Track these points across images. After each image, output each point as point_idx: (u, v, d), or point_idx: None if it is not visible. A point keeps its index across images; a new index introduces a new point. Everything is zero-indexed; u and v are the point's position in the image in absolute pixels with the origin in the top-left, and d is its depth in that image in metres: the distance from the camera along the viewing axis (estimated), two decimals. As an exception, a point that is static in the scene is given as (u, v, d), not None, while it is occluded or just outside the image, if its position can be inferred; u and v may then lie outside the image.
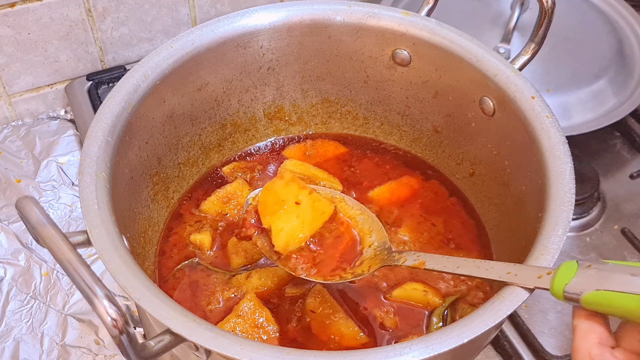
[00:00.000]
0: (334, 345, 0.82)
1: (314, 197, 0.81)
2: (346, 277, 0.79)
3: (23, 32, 1.20)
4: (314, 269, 0.80)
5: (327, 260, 0.80)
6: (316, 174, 0.98)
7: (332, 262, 0.80)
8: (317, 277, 0.79)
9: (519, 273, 0.64)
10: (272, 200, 0.81)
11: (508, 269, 0.65)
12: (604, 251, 1.06)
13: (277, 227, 0.79)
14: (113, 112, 0.81)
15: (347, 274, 0.79)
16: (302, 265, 0.79)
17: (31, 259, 1.05)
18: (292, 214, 0.80)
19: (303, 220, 0.80)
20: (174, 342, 0.62)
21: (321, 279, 0.79)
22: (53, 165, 1.20)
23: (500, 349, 0.96)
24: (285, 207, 0.80)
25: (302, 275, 0.79)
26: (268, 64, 0.99)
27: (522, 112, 0.82)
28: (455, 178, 1.00)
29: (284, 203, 0.80)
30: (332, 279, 0.79)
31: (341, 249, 0.81)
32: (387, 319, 0.84)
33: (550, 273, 0.62)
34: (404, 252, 0.78)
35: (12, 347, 0.96)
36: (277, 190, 0.81)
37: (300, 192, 0.81)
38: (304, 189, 0.82)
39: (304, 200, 0.81)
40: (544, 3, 0.85)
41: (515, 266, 0.65)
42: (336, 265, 0.80)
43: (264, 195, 0.82)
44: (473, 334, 0.61)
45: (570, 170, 0.75)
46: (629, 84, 1.20)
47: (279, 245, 0.79)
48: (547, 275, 0.62)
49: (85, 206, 0.70)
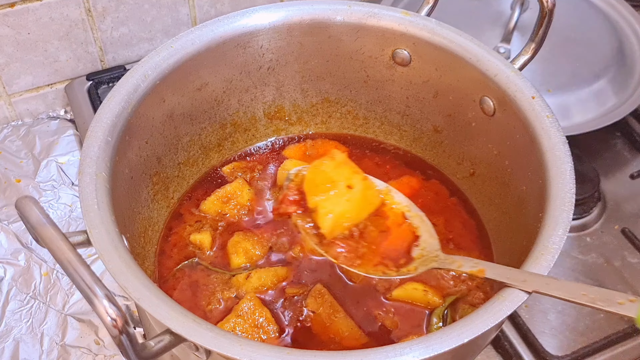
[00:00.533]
0: (334, 345, 0.81)
1: (367, 184, 0.77)
2: (390, 274, 0.76)
3: (23, 32, 1.20)
4: (358, 260, 0.76)
5: (369, 254, 0.77)
6: (316, 174, 0.98)
7: (375, 257, 0.77)
8: (360, 269, 0.76)
9: (597, 296, 0.61)
10: (322, 180, 0.76)
11: (583, 290, 0.62)
12: (604, 251, 1.06)
13: (325, 209, 0.75)
14: (113, 112, 0.81)
15: (391, 270, 0.77)
16: (346, 254, 0.76)
17: (31, 259, 1.05)
18: (342, 197, 0.76)
19: (353, 205, 0.76)
20: (174, 342, 0.62)
21: (363, 271, 0.76)
22: (53, 165, 1.20)
23: (500, 349, 0.96)
24: (336, 189, 0.76)
25: (344, 265, 0.76)
26: (268, 64, 0.99)
27: (523, 112, 0.82)
28: (456, 178, 1.00)
29: (334, 185, 0.76)
30: (374, 273, 0.76)
31: (386, 244, 0.78)
32: (387, 319, 0.83)
33: (635, 301, 0.60)
34: (457, 257, 0.76)
35: (12, 347, 0.95)
36: (327, 171, 0.77)
37: (354, 177, 0.77)
38: (358, 174, 0.78)
39: (356, 185, 0.77)
40: (544, 3, 0.85)
41: (592, 288, 0.62)
42: (379, 260, 0.77)
43: (311, 173, 0.78)
44: (473, 334, 0.61)
45: (570, 170, 0.75)
46: (629, 83, 1.20)
47: (325, 228, 0.75)
48: (631, 303, 0.60)
49: (85, 206, 0.70)
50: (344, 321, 0.82)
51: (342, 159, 0.78)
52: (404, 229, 0.80)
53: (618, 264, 1.04)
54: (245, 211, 0.96)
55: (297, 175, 0.80)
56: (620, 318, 0.97)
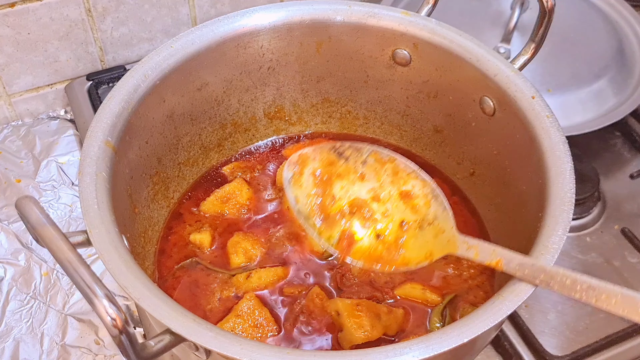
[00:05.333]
0: (333, 345, 0.81)
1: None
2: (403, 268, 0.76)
3: (23, 32, 1.20)
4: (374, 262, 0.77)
5: (386, 254, 0.78)
6: (316, 174, 0.98)
7: (391, 253, 0.77)
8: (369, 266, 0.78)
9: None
10: None
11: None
12: (604, 251, 1.06)
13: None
14: (113, 112, 0.81)
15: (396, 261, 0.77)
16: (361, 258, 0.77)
17: (31, 259, 1.05)
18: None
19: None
20: (174, 342, 0.62)
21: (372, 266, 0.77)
22: (53, 165, 1.20)
23: (500, 349, 0.96)
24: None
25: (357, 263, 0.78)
26: (268, 64, 0.99)
27: (522, 112, 0.82)
28: (456, 178, 1.00)
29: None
30: (388, 269, 0.77)
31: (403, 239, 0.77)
32: (387, 318, 0.83)
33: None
34: (474, 240, 0.73)
35: (12, 347, 0.95)
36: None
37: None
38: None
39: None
40: (544, 3, 0.85)
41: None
42: (393, 257, 0.77)
43: None
44: (473, 334, 0.61)
45: (570, 170, 0.75)
46: (629, 83, 1.20)
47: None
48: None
49: (85, 206, 0.70)
50: (344, 320, 0.82)
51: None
52: (412, 203, 0.78)
53: (618, 264, 1.04)
54: (245, 211, 0.96)
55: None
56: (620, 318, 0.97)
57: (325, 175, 0.81)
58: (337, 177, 0.82)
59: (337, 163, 0.81)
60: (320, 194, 0.80)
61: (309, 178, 0.81)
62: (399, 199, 0.79)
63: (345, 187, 0.81)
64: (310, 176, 0.81)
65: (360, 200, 0.80)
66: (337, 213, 0.80)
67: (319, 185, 0.81)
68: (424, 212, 0.78)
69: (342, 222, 0.79)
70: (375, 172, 0.81)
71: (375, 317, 0.80)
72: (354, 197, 0.80)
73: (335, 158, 0.82)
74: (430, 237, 0.77)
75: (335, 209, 0.80)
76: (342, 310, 0.80)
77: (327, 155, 0.82)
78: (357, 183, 0.81)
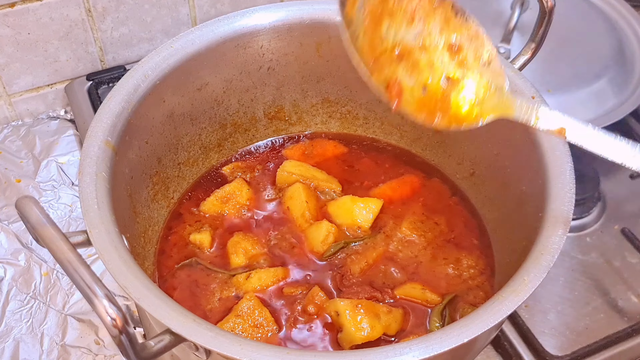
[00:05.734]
0: (333, 345, 0.81)
1: None
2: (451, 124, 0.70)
3: (23, 32, 1.20)
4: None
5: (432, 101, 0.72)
6: (315, 175, 0.98)
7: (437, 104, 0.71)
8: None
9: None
10: None
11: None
12: (604, 251, 1.06)
13: None
14: (113, 112, 0.81)
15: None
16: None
17: (31, 259, 1.05)
18: None
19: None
20: (174, 342, 0.62)
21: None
22: (53, 165, 1.20)
23: (500, 349, 0.96)
24: None
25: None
26: (268, 64, 0.99)
27: (523, 112, 0.82)
28: (456, 178, 1.00)
29: None
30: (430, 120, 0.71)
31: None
32: (387, 318, 0.83)
33: None
34: (532, 102, 0.65)
35: (12, 347, 0.95)
36: None
37: None
38: None
39: None
40: (544, 3, 0.85)
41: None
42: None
43: None
44: (473, 334, 0.61)
45: (570, 170, 0.75)
46: (629, 83, 1.20)
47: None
48: None
49: (85, 206, 0.70)
50: (343, 320, 0.82)
51: None
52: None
53: (618, 264, 1.04)
54: (245, 211, 0.96)
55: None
56: (620, 318, 0.97)
57: (379, 10, 0.74)
58: (388, 15, 0.74)
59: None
60: (369, 31, 0.74)
61: (360, 9, 0.74)
62: (448, 50, 0.73)
63: (394, 28, 0.73)
64: (362, 7, 0.74)
65: (409, 46, 0.73)
66: (387, 55, 0.73)
67: (370, 20, 0.74)
68: (475, 66, 0.72)
69: (391, 66, 0.72)
70: (426, 16, 0.73)
71: (375, 317, 0.80)
72: (403, 41, 0.72)
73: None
74: (481, 94, 0.70)
75: (385, 50, 0.73)
76: (341, 310, 0.80)
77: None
78: (406, 26, 0.73)
